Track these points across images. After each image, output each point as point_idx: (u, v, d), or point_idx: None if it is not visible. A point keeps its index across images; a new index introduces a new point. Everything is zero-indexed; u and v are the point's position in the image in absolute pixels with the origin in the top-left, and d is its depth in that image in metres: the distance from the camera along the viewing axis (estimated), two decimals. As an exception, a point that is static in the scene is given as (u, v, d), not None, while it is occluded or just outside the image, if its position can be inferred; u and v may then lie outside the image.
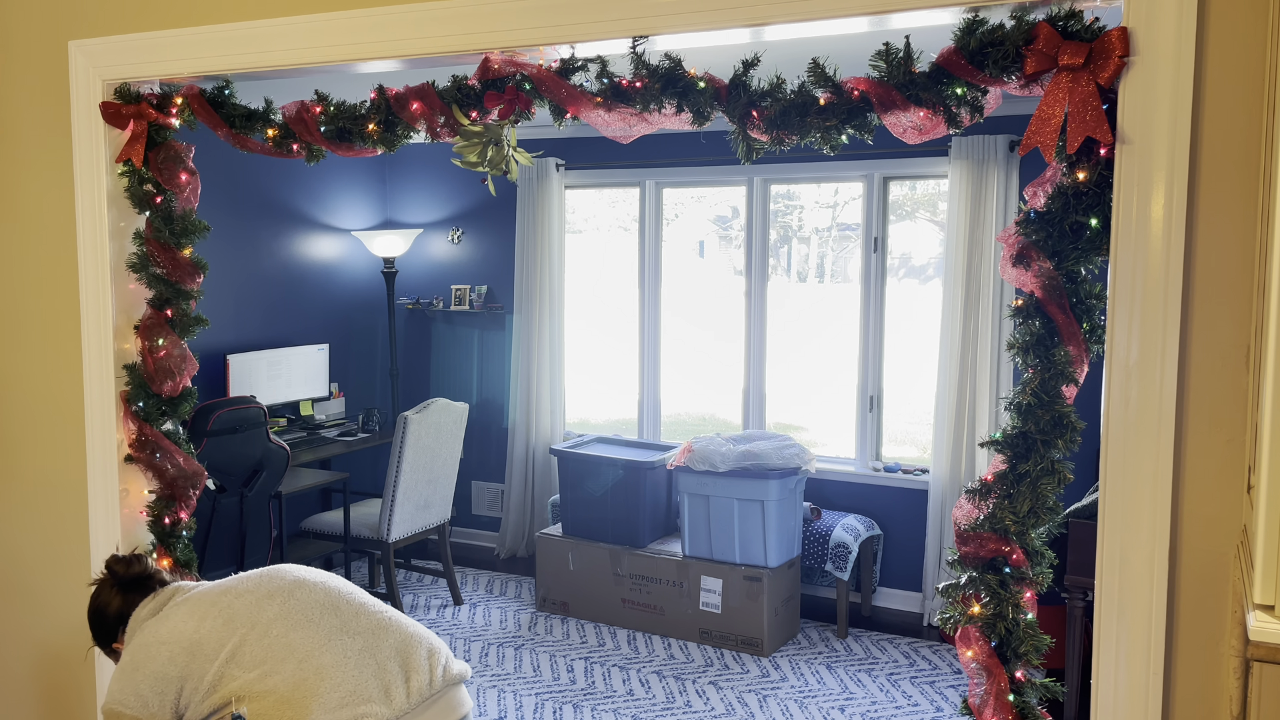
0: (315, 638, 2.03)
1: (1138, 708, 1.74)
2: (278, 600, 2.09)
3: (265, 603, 2.08)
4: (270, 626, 2.04)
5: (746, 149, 1.99)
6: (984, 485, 1.82)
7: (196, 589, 2.18)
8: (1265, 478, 1.17)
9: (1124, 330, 1.71)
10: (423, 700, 2.07)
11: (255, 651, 2.00)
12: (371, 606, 2.18)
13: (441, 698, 2.13)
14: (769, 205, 5.62)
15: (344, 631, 2.07)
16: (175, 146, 2.55)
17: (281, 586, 2.13)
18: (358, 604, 2.16)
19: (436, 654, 2.16)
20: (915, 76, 1.80)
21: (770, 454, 4.75)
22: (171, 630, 2.05)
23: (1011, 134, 4.82)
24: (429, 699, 2.09)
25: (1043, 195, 1.76)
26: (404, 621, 2.19)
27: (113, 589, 2.21)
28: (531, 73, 2.09)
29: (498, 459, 6.27)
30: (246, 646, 2.01)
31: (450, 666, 2.16)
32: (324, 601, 2.12)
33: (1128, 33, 1.66)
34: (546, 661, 4.72)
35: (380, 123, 2.26)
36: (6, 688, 3.00)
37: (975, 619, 1.80)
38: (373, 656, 2.05)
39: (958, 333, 4.98)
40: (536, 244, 5.91)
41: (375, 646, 2.07)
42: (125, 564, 2.22)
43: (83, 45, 2.60)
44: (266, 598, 2.09)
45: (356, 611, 2.13)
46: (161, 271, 2.58)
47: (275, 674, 1.97)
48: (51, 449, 2.83)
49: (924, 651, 4.83)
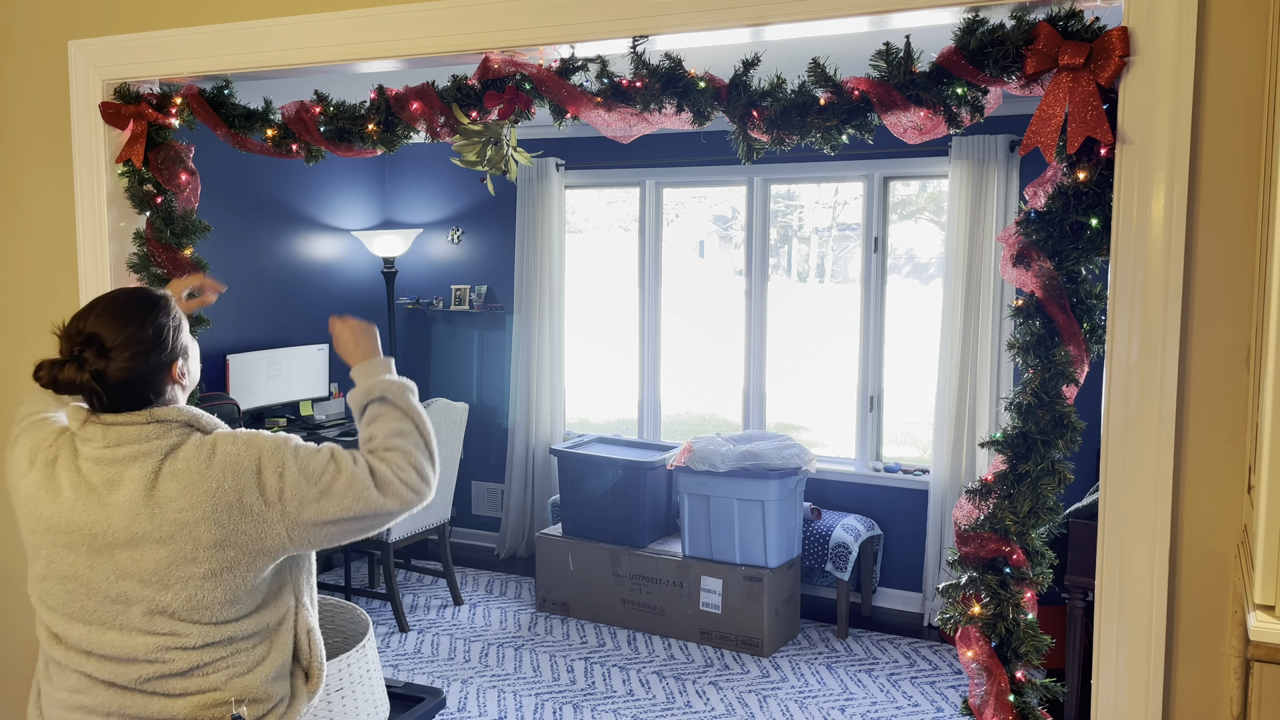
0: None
1: (1138, 708, 1.74)
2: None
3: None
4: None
5: (747, 149, 1.99)
6: (984, 485, 1.82)
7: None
8: (1265, 478, 1.17)
9: (1124, 330, 1.70)
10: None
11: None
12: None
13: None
14: (769, 205, 5.62)
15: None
16: (175, 146, 2.55)
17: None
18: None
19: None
20: (915, 76, 1.80)
21: (770, 454, 4.75)
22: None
23: (1012, 134, 4.82)
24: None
25: (1043, 195, 1.76)
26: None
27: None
28: (531, 72, 2.09)
29: (498, 459, 6.27)
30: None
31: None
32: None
33: (1128, 33, 1.65)
34: (546, 662, 4.72)
35: (380, 123, 2.26)
36: (6, 688, 3.00)
37: (975, 619, 1.80)
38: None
39: (958, 333, 4.98)
40: (536, 244, 5.91)
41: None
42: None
43: (83, 45, 2.60)
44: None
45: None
46: (162, 272, 2.58)
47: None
48: (51, 449, 2.82)
49: (924, 652, 4.83)
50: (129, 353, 1.70)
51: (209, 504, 1.64)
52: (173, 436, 1.70)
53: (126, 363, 1.70)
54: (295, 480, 1.68)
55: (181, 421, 1.72)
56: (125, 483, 1.67)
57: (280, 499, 1.67)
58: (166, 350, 1.74)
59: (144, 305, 1.76)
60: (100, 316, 1.73)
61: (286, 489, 1.68)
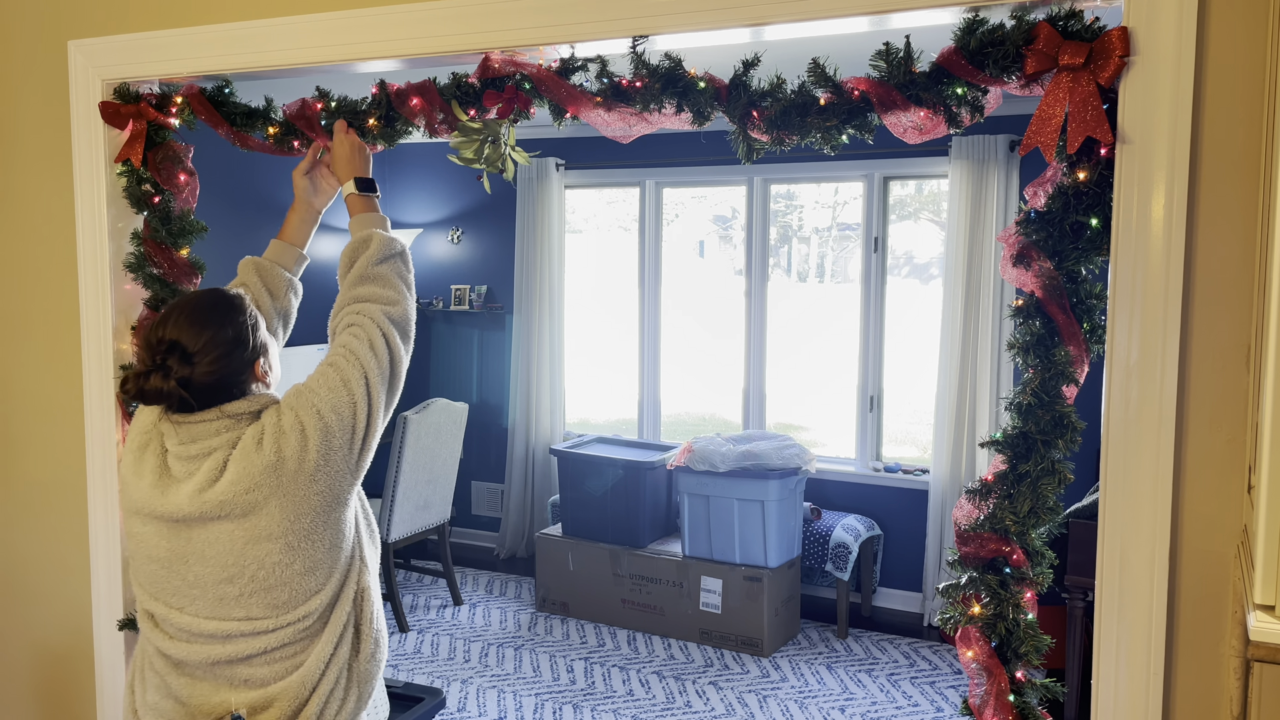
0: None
1: (1138, 708, 1.74)
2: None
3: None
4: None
5: (747, 149, 1.99)
6: (984, 485, 1.81)
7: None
8: (1265, 478, 1.17)
9: (1124, 330, 1.70)
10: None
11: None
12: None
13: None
14: (769, 205, 5.62)
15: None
16: (174, 147, 2.54)
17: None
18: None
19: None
20: (915, 76, 1.80)
21: (770, 454, 4.75)
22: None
23: (1012, 134, 4.82)
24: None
25: (1043, 195, 1.76)
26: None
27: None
28: (531, 72, 2.09)
29: (498, 459, 6.27)
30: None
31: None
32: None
33: (1128, 32, 1.65)
34: (546, 662, 4.72)
35: (381, 118, 2.27)
36: (6, 688, 3.00)
37: (975, 619, 1.80)
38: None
39: (958, 333, 4.98)
40: (536, 244, 5.91)
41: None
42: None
43: (82, 45, 2.60)
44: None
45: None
46: (159, 272, 2.57)
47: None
48: (51, 449, 2.82)
49: (924, 652, 4.83)
50: (212, 355, 1.73)
51: (270, 479, 1.68)
52: (242, 427, 1.74)
53: (210, 365, 1.72)
54: (331, 424, 1.73)
55: (251, 412, 1.76)
56: (198, 475, 1.71)
57: (330, 444, 1.72)
58: (248, 349, 1.78)
59: (221, 307, 1.79)
60: (178, 323, 1.75)
61: (334, 437, 1.72)
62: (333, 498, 1.73)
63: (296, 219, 2.23)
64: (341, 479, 1.74)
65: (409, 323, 1.89)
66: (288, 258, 2.19)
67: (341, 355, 1.80)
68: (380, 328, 1.83)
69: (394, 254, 1.94)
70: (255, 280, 2.13)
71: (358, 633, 1.80)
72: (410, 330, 1.89)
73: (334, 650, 1.76)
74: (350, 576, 1.79)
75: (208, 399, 1.73)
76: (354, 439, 1.75)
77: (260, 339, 1.82)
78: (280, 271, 2.16)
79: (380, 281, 1.90)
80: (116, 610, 2.69)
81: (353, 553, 1.80)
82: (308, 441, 1.70)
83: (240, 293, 1.87)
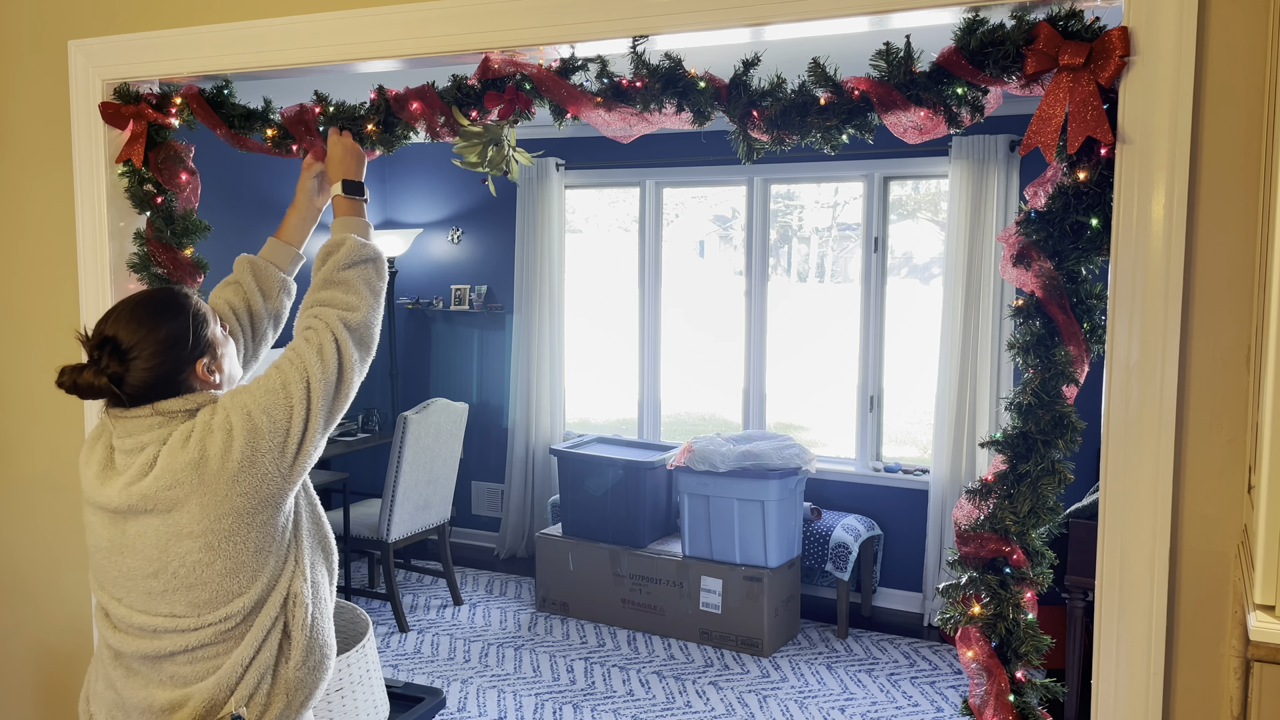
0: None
1: (1138, 708, 1.74)
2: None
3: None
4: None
5: (747, 149, 1.99)
6: (984, 485, 1.81)
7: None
8: (1265, 478, 1.17)
9: (1124, 330, 1.70)
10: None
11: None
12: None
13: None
14: (769, 205, 5.62)
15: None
16: (175, 146, 2.54)
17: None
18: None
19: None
20: (916, 76, 1.80)
21: (770, 454, 4.75)
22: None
23: (1012, 134, 4.82)
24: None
25: (1043, 195, 1.76)
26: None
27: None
28: (531, 73, 2.09)
29: (498, 459, 6.27)
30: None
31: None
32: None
33: (1128, 32, 1.65)
34: (546, 662, 4.72)
35: (379, 123, 2.26)
36: (6, 688, 3.00)
37: (975, 619, 1.80)
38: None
39: (958, 333, 4.98)
40: (536, 244, 5.91)
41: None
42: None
43: (82, 45, 2.60)
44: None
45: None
46: (163, 272, 2.57)
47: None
48: (51, 449, 2.82)
49: (924, 652, 4.83)
50: (145, 353, 1.71)
51: (192, 476, 1.67)
52: (175, 424, 1.73)
53: (144, 363, 1.71)
54: (266, 425, 1.70)
55: (186, 410, 1.74)
56: (131, 469, 1.71)
57: (263, 441, 1.70)
58: (187, 348, 1.75)
59: (161, 305, 1.77)
60: (118, 320, 1.75)
61: (261, 439, 1.70)
62: (259, 500, 1.70)
63: (296, 218, 2.22)
64: (269, 482, 1.70)
65: (368, 329, 1.86)
66: (283, 257, 2.18)
67: (288, 359, 1.78)
68: (334, 333, 1.80)
69: (362, 260, 1.91)
70: (249, 280, 2.12)
71: (287, 638, 1.77)
72: (369, 338, 1.86)
73: (254, 655, 1.73)
74: (280, 581, 1.75)
75: (142, 396, 1.72)
76: (286, 444, 1.71)
77: (206, 339, 1.79)
78: (275, 271, 2.16)
79: (343, 287, 1.87)
80: (116, 610, 2.69)
81: (286, 556, 1.77)
82: (233, 442, 1.67)
83: (189, 291, 1.85)
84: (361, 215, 2.06)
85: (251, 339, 2.11)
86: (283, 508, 1.75)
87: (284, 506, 1.76)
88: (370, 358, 1.87)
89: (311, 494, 1.89)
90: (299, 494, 1.84)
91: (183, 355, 1.75)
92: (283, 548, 1.77)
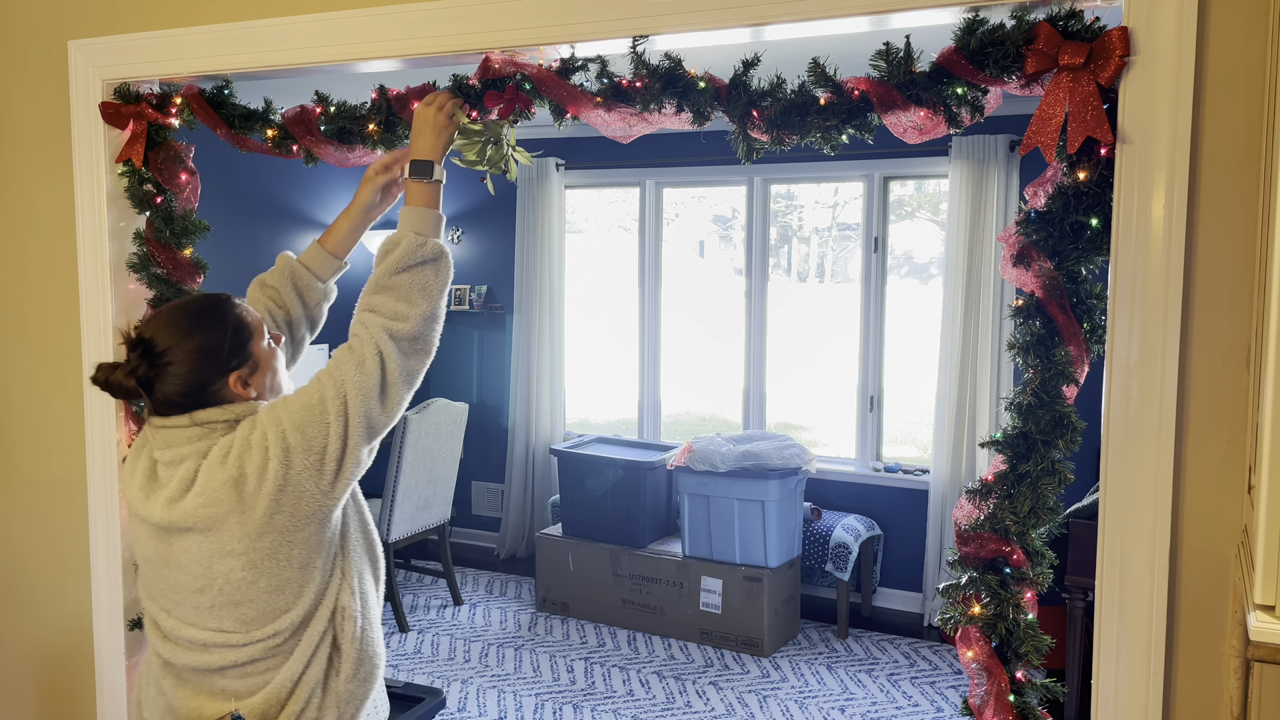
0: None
1: (1138, 708, 1.74)
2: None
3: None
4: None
5: (747, 149, 1.98)
6: (984, 485, 1.81)
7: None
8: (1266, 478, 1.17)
9: (1124, 330, 1.70)
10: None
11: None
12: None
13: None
14: (769, 205, 5.62)
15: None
16: (175, 146, 2.54)
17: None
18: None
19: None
20: (915, 76, 1.80)
21: (770, 454, 4.75)
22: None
23: (1012, 134, 4.82)
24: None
25: (1043, 195, 1.76)
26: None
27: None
28: (531, 73, 2.09)
29: (498, 459, 6.27)
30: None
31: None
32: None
33: (1128, 32, 1.65)
34: (546, 662, 4.72)
35: (381, 123, 2.26)
36: (6, 688, 3.00)
37: (975, 619, 1.80)
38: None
39: (958, 333, 4.98)
40: (536, 244, 5.91)
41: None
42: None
43: (82, 45, 2.60)
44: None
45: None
46: (162, 272, 2.57)
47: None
48: (51, 449, 2.82)
49: (924, 652, 4.83)
50: (178, 359, 1.68)
51: (231, 495, 1.63)
52: (215, 436, 1.69)
53: (177, 369, 1.68)
54: (299, 441, 1.65)
55: (226, 421, 1.70)
56: (172, 484, 1.68)
57: (295, 456, 1.64)
58: (219, 360, 1.71)
59: (203, 313, 1.73)
60: (158, 322, 1.72)
61: (294, 457, 1.64)
62: (301, 517, 1.65)
63: (346, 226, 2.11)
64: (308, 500, 1.65)
65: (419, 339, 1.75)
66: (325, 268, 2.09)
67: (329, 371, 1.72)
68: (377, 345, 1.71)
69: (418, 263, 1.77)
70: (288, 286, 2.05)
71: (336, 650, 1.74)
72: (421, 347, 1.75)
73: (304, 669, 1.70)
74: (328, 596, 1.72)
75: (170, 405, 1.69)
76: (324, 462, 1.65)
77: (247, 352, 1.74)
78: (315, 282, 2.07)
79: (395, 293, 1.75)
80: (117, 611, 2.69)
81: (332, 569, 1.74)
82: (269, 461, 1.63)
83: (238, 302, 1.80)
84: (430, 204, 1.87)
85: (290, 343, 2.06)
86: (328, 522, 1.71)
87: (330, 520, 1.71)
88: (424, 366, 1.77)
89: (360, 501, 1.84)
90: (348, 503, 1.79)
91: (215, 366, 1.70)
92: (329, 561, 1.73)
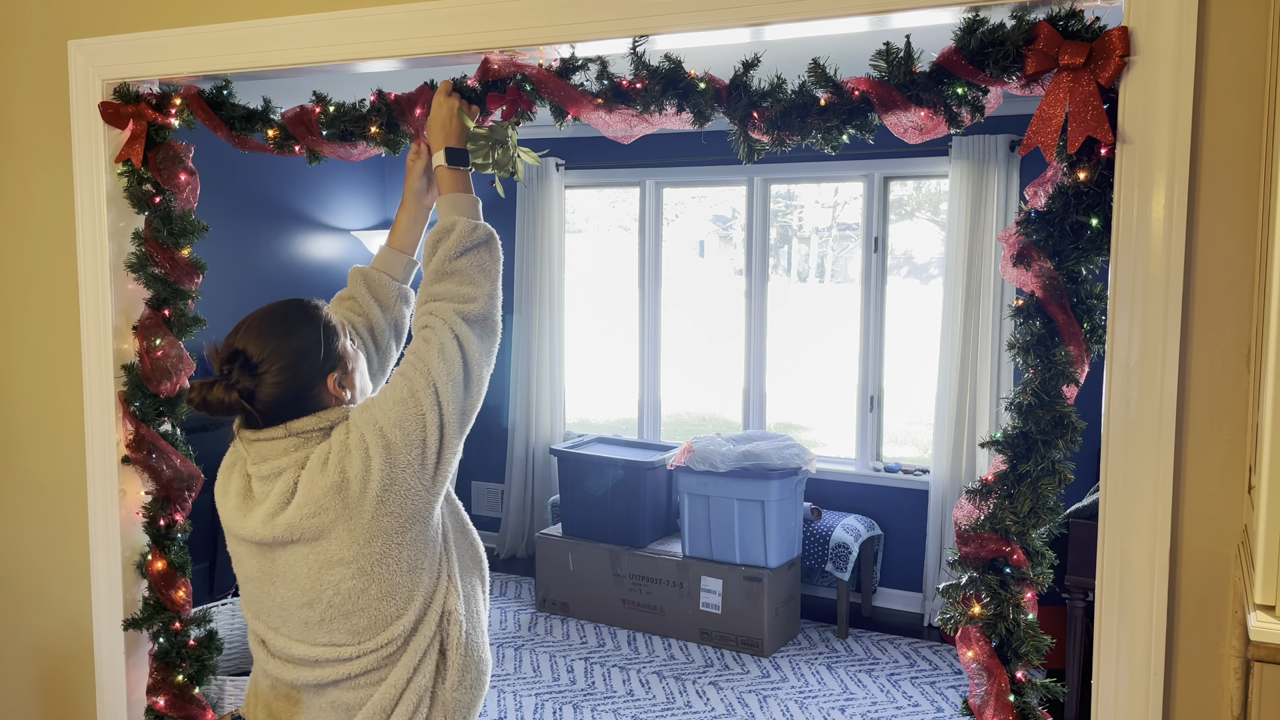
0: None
1: (1138, 708, 1.74)
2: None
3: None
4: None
5: (747, 149, 1.98)
6: (984, 485, 1.81)
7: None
8: (1266, 478, 1.17)
9: (1124, 330, 1.70)
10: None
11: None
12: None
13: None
14: (769, 205, 5.62)
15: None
16: (175, 146, 2.54)
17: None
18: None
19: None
20: (916, 76, 1.80)
21: (770, 454, 4.75)
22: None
23: (1012, 134, 4.82)
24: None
25: (1043, 195, 1.76)
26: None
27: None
28: (531, 73, 2.09)
29: (498, 459, 6.27)
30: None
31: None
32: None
33: (1128, 32, 1.65)
34: (546, 662, 4.72)
35: (382, 124, 2.26)
36: (6, 688, 3.00)
37: (976, 619, 1.80)
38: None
39: (958, 333, 4.98)
40: (536, 244, 5.91)
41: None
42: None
43: (82, 45, 2.60)
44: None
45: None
46: (160, 272, 2.57)
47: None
48: (51, 449, 2.82)
49: (924, 652, 4.83)
50: (276, 367, 1.65)
51: (335, 502, 1.60)
52: (311, 445, 1.66)
53: (275, 378, 1.65)
54: (398, 440, 1.62)
55: (321, 429, 1.67)
56: (270, 498, 1.65)
57: (398, 455, 1.62)
58: (317, 362, 1.68)
59: (291, 317, 1.70)
60: (247, 332, 1.68)
61: (398, 454, 1.62)
62: (406, 518, 1.63)
63: (406, 220, 2.08)
64: (413, 498, 1.63)
65: (488, 319, 1.75)
66: (396, 266, 2.06)
67: (410, 364, 1.69)
68: (454, 330, 1.70)
69: (474, 245, 1.79)
70: (364, 292, 2.02)
71: (443, 657, 1.72)
72: (491, 327, 1.76)
73: (411, 675, 1.68)
74: (435, 599, 1.70)
75: (274, 414, 1.66)
76: (425, 455, 1.63)
77: (337, 352, 1.72)
78: (389, 281, 2.04)
79: (458, 278, 1.75)
80: (117, 611, 2.69)
81: (438, 573, 1.71)
82: (371, 461, 1.60)
83: (319, 303, 1.78)
84: (468, 189, 1.90)
85: (375, 352, 2.01)
86: (430, 521, 1.69)
87: (432, 519, 1.69)
88: (496, 346, 1.77)
89: (454, 501, 1.82)
90: (443, 504, 1.77)
91: (314, 369, 1.68)
92: (435, 562, 1.70)
